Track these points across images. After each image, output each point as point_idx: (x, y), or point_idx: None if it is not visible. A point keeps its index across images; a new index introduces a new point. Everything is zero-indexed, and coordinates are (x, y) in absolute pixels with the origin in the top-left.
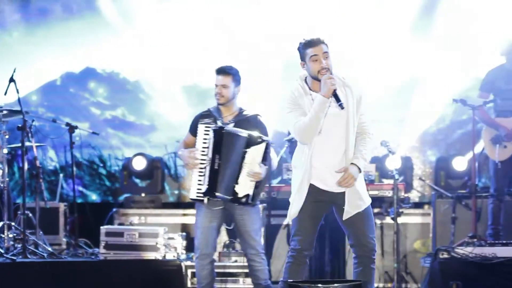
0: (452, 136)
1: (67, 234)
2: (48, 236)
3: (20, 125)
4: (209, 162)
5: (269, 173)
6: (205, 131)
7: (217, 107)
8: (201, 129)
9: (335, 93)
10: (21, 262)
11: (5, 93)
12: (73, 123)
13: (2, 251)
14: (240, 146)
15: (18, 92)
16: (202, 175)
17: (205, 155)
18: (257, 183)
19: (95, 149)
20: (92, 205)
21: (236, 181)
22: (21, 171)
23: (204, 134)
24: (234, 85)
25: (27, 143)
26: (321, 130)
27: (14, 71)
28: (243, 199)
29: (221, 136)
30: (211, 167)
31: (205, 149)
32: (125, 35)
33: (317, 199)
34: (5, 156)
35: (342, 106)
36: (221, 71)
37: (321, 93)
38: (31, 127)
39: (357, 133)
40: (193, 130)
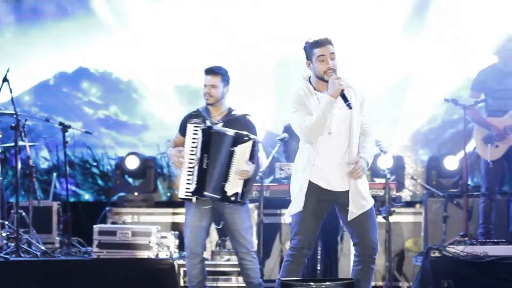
0: (443, 135)
1: (60, 233)
2: (41, 235)
3: (13, 125)
4: (198, 161)
5: (257, 171)
6: (194, 130)
7: (206, 107)
8: (190, 129)
9: (342, 93)
10: (15, 261)
11: None
12: (66, 122)
13: None
14: (227, 145)
15: (11, 92)
16: (190, 175)
17: (193, 154)
18: (245, 181)
19: (89, 148)
20: (85, 204)
21: (225, 179)
22: (14, 170)
23: (193, 133)
24: (223, 85)
25: (21, 143)
26: (330, 130)
27: (7, 71)
28: (232, 198)
29: (210, 135)
30: (199, 167)
31: (194, 148)
32: (118, 35)
33: (320, 199)
34: None
35: (350, 106)
36: (210, 71)
37: (328, 93)
38: (24, 126)
39: (360, 133)
40: (182, 130)
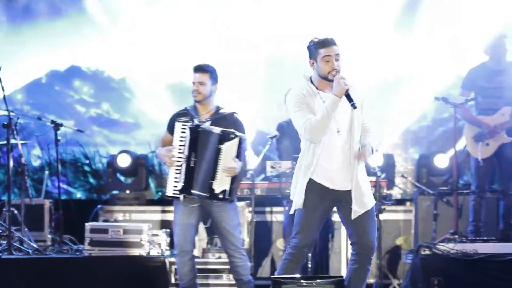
0: (434, 133)
1: (52, 230)
2: (33, 232)
3: (5, 123)
4: (186, 159)
5: (244, 168)
6: (182, 129)
7: (194, 106)
8: (178, 127)
9: (347, 93)
10: (6, 258)
11: None
12: (58, 120)
13: None
14: (214, 142)
15: (3, 90)
16: (178, 173)
17: (181, 152)
18: (233, 178)
19: (81, 146)
20: (77, 202)
21: (212, 177)
22: (6, 168)
23: (181, 132)
24: (211, 83)
25: (13, 141)
26: (339, 129)
27: None
28: (220, 195)
29: (197, 134)
30: (187, 165)
31: (181, 147)
32: (110, 34)
33: (324, 198)
34: None
35: (354, 105)
36: (198, 69)
37: (333, 93)
38: (16, 124)
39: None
40: (171, 128)
